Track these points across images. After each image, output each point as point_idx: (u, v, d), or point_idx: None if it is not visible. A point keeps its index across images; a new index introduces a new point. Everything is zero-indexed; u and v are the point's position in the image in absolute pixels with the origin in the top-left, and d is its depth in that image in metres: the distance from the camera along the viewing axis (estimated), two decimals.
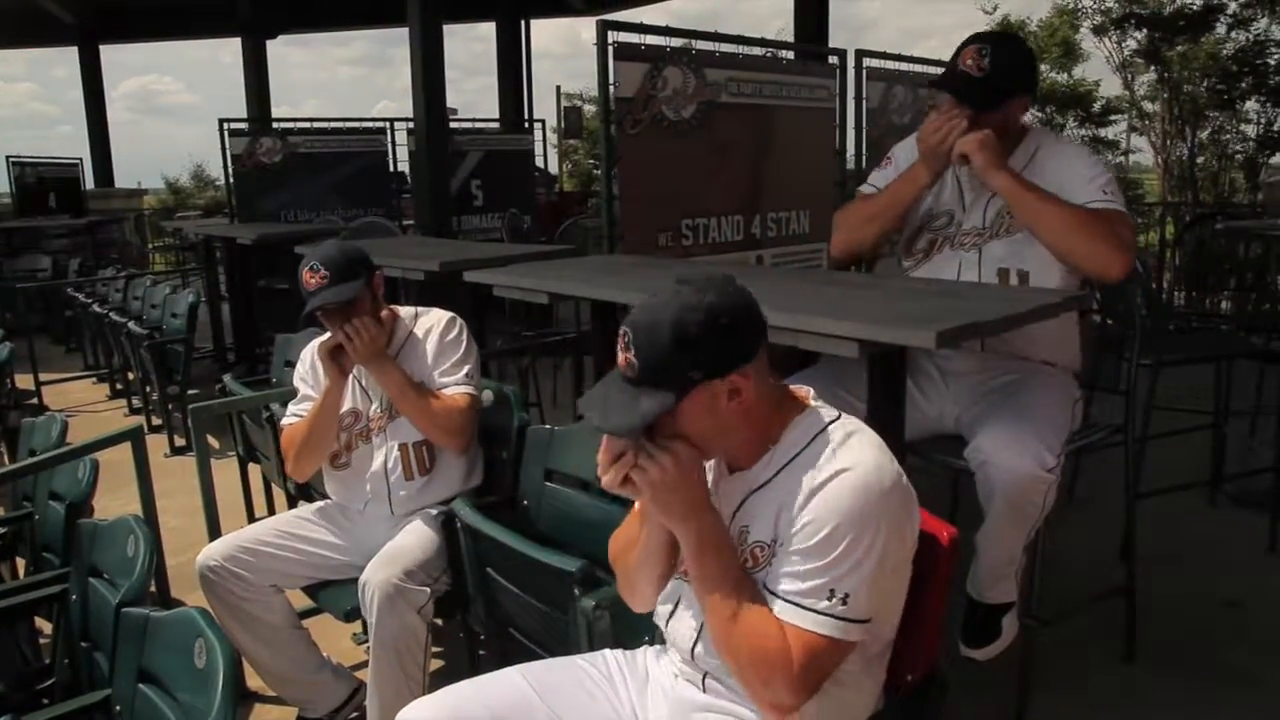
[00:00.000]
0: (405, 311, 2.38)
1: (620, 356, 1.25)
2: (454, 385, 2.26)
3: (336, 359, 2.23)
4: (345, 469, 2.33)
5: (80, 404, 5.85)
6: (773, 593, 1.24)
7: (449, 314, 2.37)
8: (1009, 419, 2.03)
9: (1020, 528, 2.04)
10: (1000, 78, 2.16)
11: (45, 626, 2.29)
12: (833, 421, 1.30)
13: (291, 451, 2.31)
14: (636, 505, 1.41)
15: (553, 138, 15.57)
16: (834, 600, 1.19)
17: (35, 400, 5.69)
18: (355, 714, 2.34)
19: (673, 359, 1.21)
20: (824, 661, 1.21)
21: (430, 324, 2.33)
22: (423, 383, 2.26)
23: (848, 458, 1.23)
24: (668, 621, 1.41)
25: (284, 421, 2.38)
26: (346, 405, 2.32)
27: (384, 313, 2.29)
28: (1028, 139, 2.27)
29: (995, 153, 2.14)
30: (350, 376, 2.30)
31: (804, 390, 1.36)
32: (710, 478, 1.35)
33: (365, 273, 2.22)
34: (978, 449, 2.01)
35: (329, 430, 2.27)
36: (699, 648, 1.35)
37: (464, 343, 2.31)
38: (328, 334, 2.23)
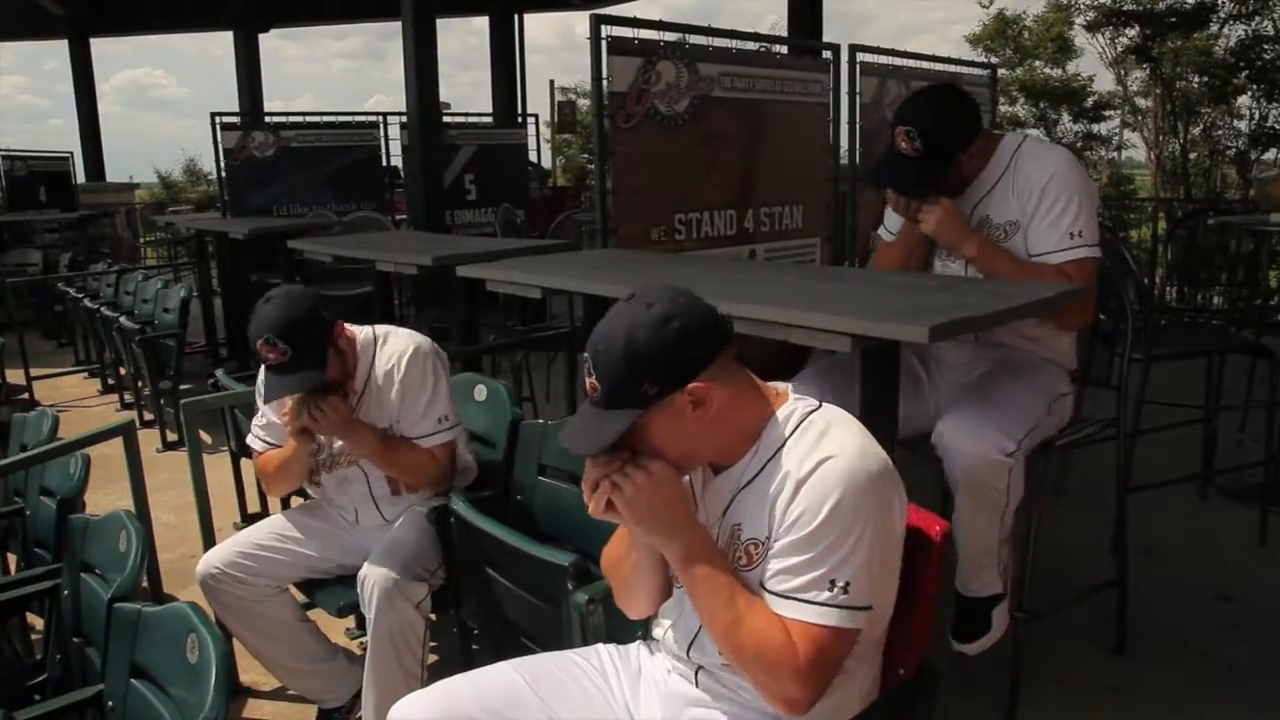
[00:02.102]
0: (363, 338, 2.17)
1: (587, 382, 1.26)
2: (428, 437, 2.13)
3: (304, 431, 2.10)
4: (322, 486, 2.29)
5: (71, 399, 5.83)
6: (772, 591, 1.22)
7: (412, 344, 2.15)
8: (972, 404, 2.05)
9: (987, 514, 2.05)
10: (935, 149, 2.16)
11: (37, 622, 2.28)
12: (813, 411, 1.29)
13: (265, 479, 2.30)
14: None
15: (546, 132, 15.58)
16: (835, 590, 1.18)
17: (26, 395, 5.67)
18: None
19: (627, 378, 1.21)
20: (832, 653, 1.21)
21: (392, 358, 2.13)
22: (391, 427, 2.15)
23: (832, 445, 1.22)
24: (666, 631, 1.41)
25: (250, 441, 2.31)
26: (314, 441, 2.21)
27: (344, 343, 2.11)
28: (1000, 151, 2.23)
29: (956, 228, 2.20)
30: None
31: (782, 387, 1.35)
32: (698, 483, 1.35)
33: (323, 333, 2.02)
34: (940, 433, 2.04)
35: (298, 475, 2.24)
36: (694, 651, 1.35)
37: (429, 382, 2.13)
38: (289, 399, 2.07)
